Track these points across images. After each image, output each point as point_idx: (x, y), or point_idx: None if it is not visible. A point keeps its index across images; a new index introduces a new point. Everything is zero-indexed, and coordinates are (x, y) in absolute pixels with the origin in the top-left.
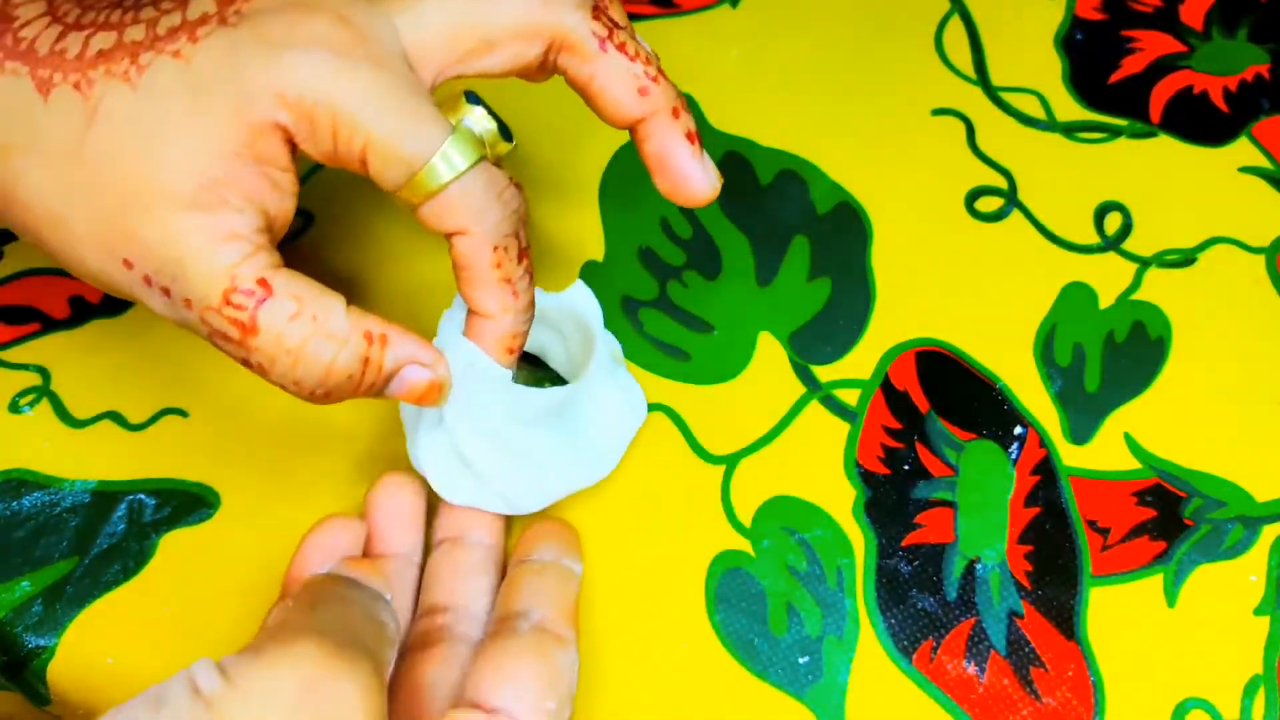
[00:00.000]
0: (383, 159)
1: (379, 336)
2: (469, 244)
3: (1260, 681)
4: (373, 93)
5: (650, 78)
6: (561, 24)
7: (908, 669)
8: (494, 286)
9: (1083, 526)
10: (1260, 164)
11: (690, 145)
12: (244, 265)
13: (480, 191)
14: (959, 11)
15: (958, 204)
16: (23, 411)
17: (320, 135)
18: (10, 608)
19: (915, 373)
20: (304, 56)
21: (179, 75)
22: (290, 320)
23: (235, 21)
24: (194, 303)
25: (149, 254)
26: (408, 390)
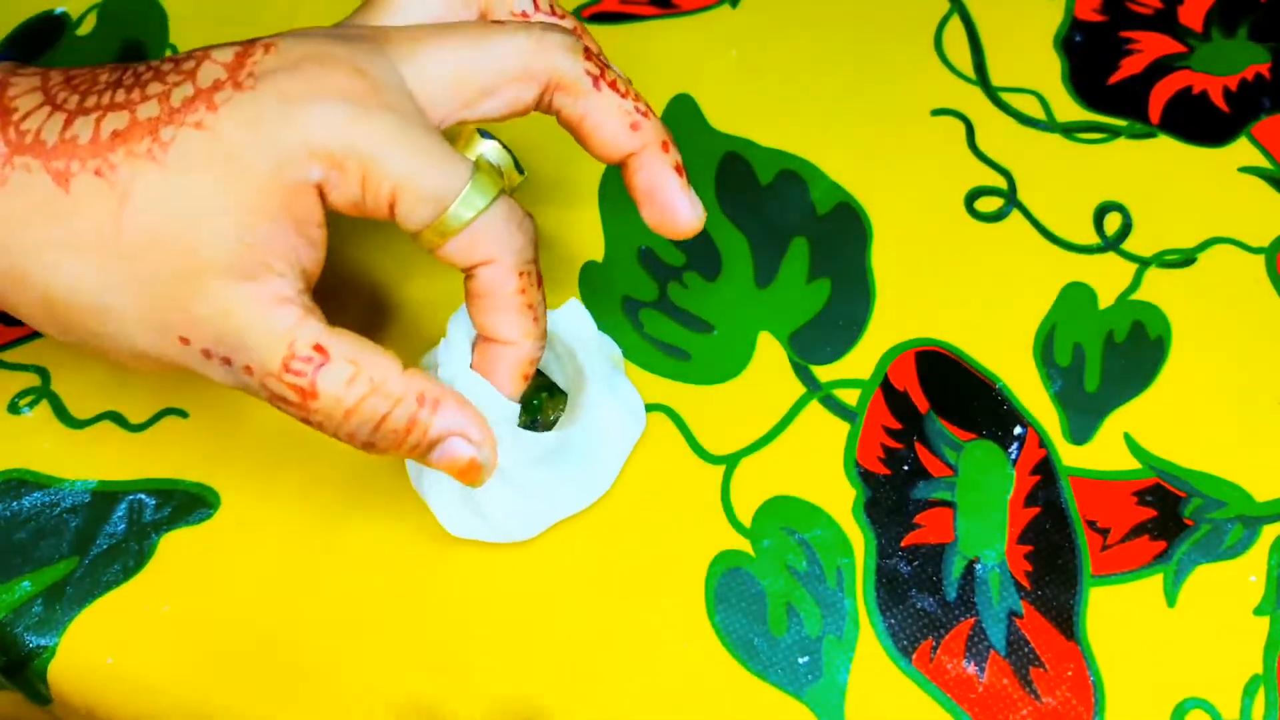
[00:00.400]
0: (412, 199)
1: (432, 400)
2: (495, 272)
3: (1260, 681)
4: (396, 138)
5: (641, 113)
6: (556, 66)
7: (907, 669)
8: (516, 313)
9: (1082, 526)
10: (1260, 164)
11: (679, 178)
12: (300, 331)
13: (503, 222)
14: (959, 12)
15: (958, 204)
16: (23, 412)
17: (349, 184)
18: (11, 608)
19: (915, 373)
20: (327, 109)
21: (206, 146)
22: (348, 385)
23: (251, 85)
24: (254, 370)
25: (205, 329)
26: (449, 462)
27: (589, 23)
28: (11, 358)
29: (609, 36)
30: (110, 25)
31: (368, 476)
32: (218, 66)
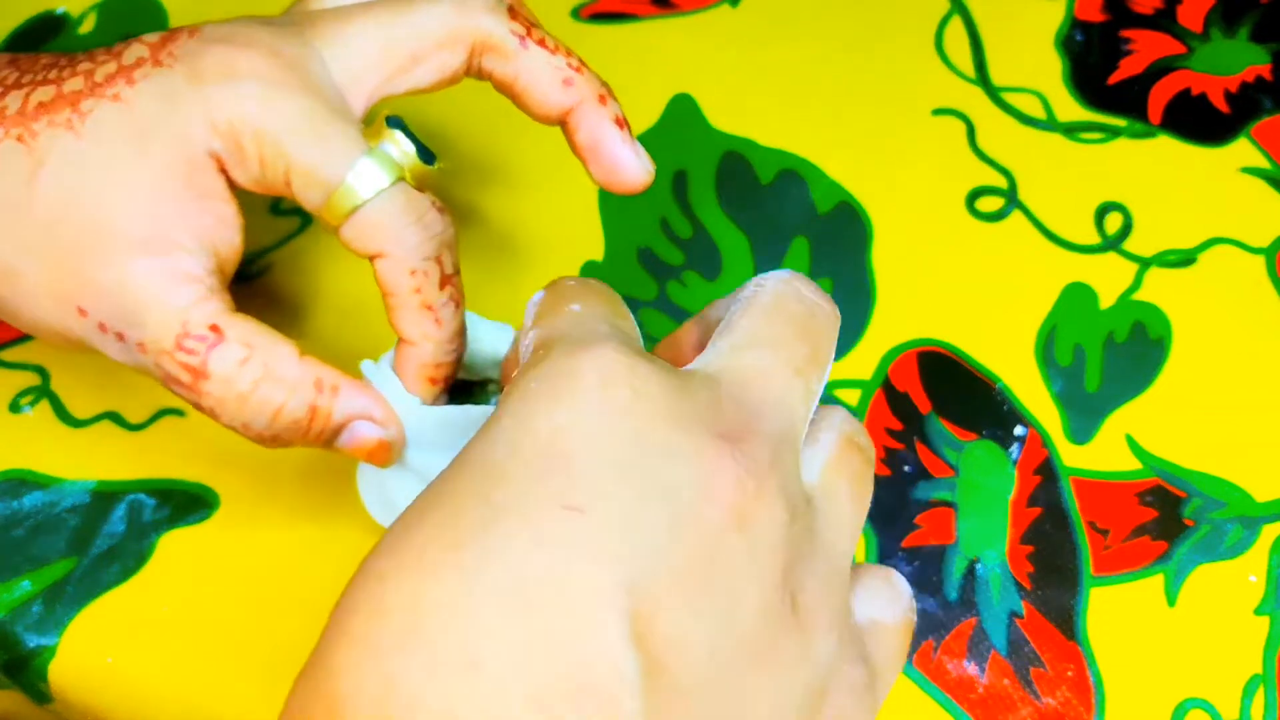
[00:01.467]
0: (302, 180)
1: (330, 386)
2: (387, 267)
3: (1260, 681)
4: (295, 118)
5: (573, 68)
6: (480, 27)
7: (908, 669)
8: (414, 312)
9: (1083, 527)
10: (1260, 164)
11: (620, 130)
12: (196, 309)
13: (397, 213)
14: (959, 11)
15: (958, 204)
16: (23, 411)
17: (248, 159)
18: (11, 607)
19: (916, 373)
20: (234, 88)
21: (120, 118)
22: (240, 365)
23: (169, 63)
24: (147, 347)
25: (103, 300)
26: (356, 445)
27: (588, 23)
28: (11, 357)
29: (609, 36)
30: (110, 24)
31: None
32: (143, 46)
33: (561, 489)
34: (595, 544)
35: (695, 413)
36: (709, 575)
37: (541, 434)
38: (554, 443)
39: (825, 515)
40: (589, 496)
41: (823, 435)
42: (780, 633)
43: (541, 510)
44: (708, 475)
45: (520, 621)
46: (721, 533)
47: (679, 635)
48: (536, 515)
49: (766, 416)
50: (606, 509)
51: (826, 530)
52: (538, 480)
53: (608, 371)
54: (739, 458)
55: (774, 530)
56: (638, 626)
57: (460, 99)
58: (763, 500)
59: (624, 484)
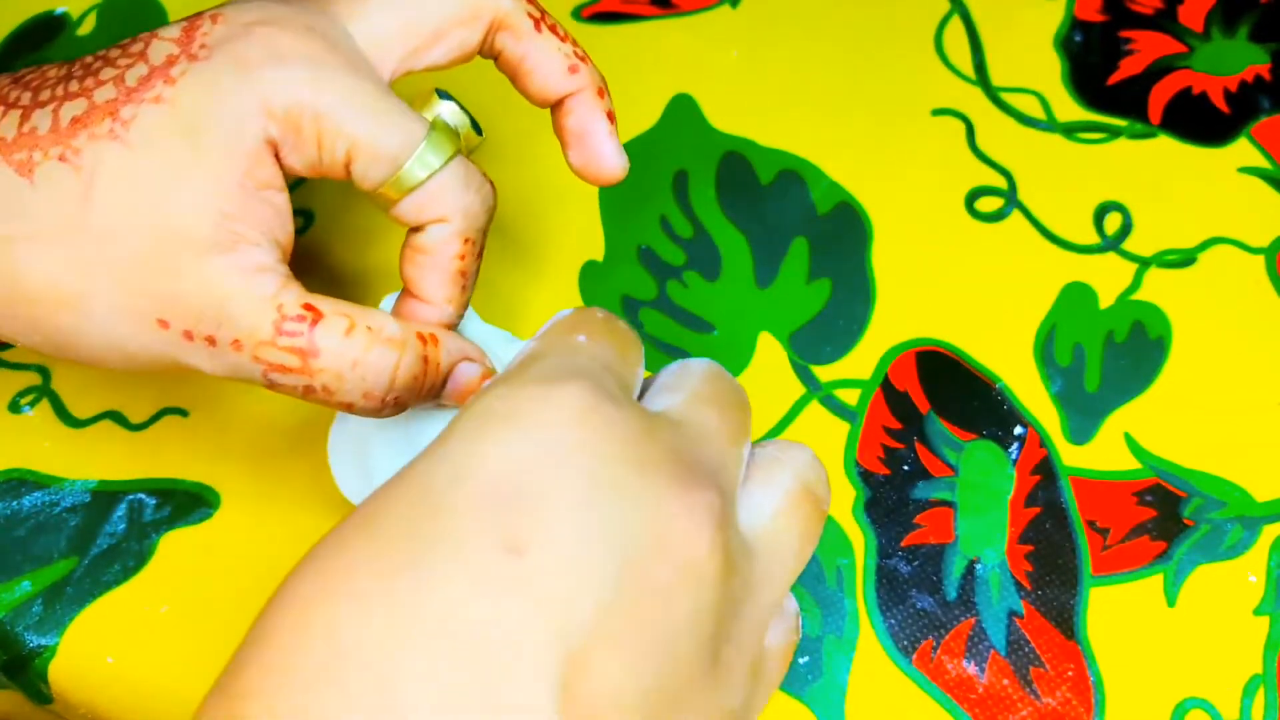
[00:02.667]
0: (367, 158)
1: (430, 336)
2: (444, 232)
3: (1260, 681)
4: (350, 96)
5: (579, 57)
6: (499, 6)
7: (908, 669)
8: (449, 276)
9: (1083, 526)
10: (1260, 164)
11: (610, 124)
12: (286, 295)
13: (459, 183)
14: (959, 12)
15: (958, 204)
16: (23, 411)
17: (305, 143)
18: (11, 607)
19: (915, 373)
20: (282, 71)
21: (167, 120)
22: (347, 335)
23: (205, 55)
24: (244, 342)
25: (185, 308)
26: (464, 387)
27: (589, 23)
28: (12, 357)
29: (609, 36)
30: (110, 25)
31: None
32: (167, 43)
33: (505, 527)
34: (535, 591)
35: (658, 458)
36: (648, 631)
37: (491, 465)
38: (506, 475)
39: (764, 565)
40: (534, 538)
41: (779, 477)
42: (699, 685)
43: (482, 549)
44: (663, 526)
45: (446, 669)
46: (668, 589)
47: (610, 693)
48: (476, 554)
49: (718, 473)
50: (551, 553)
51: (762, 582)
52: (481, 515)
53: (573, 409)
54: (694, 513)
55: (715, 589)
56: (569, 681)
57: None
58: (709, 553)
59: (572, 527)
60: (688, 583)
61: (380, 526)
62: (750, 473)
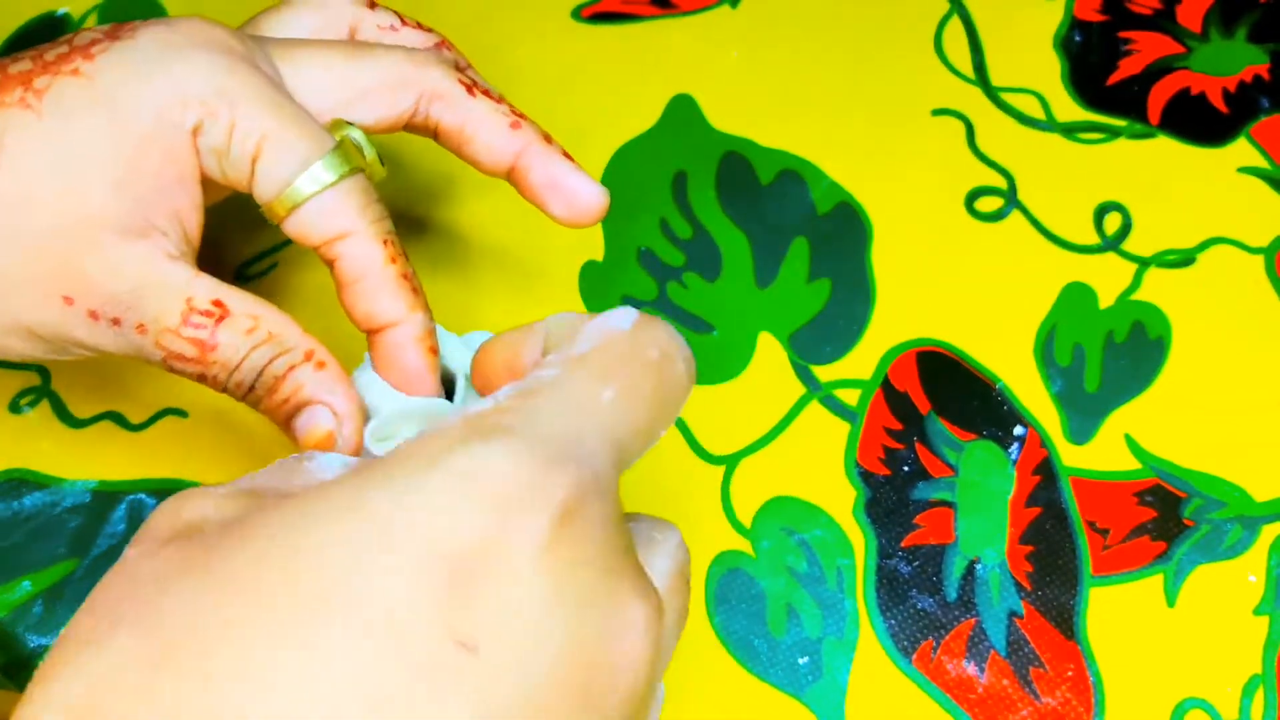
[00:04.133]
0: (277, 152)
1: (318, 361)
2: (357, 245)
3: (1259, 681)
4: (267, 95)
5: (517, 114)
6: (430, 76)
7: (908, 669)
8: (394, 284)
9: (1083, 527)
10: (1259, 164)
11: (572, 163)
12: (196, 287)
13: (361, 192)
14: (959, 12)
15: (958, 204)
16: (23, 411)
17: (218, 129)
18: (11, 608)
19: (915, 373)
20: (205, 55)
21: (84, 92)
22: (247, 335)
23: (129, 36)
24: (149, 328)
25: (93, 287)
26: (307, 430)
27: (589, 23)
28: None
29: (609, 36)
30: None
31: None
32: (95, 32)
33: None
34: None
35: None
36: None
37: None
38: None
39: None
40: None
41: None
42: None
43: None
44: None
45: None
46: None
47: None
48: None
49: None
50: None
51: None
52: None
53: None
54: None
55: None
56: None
57: None
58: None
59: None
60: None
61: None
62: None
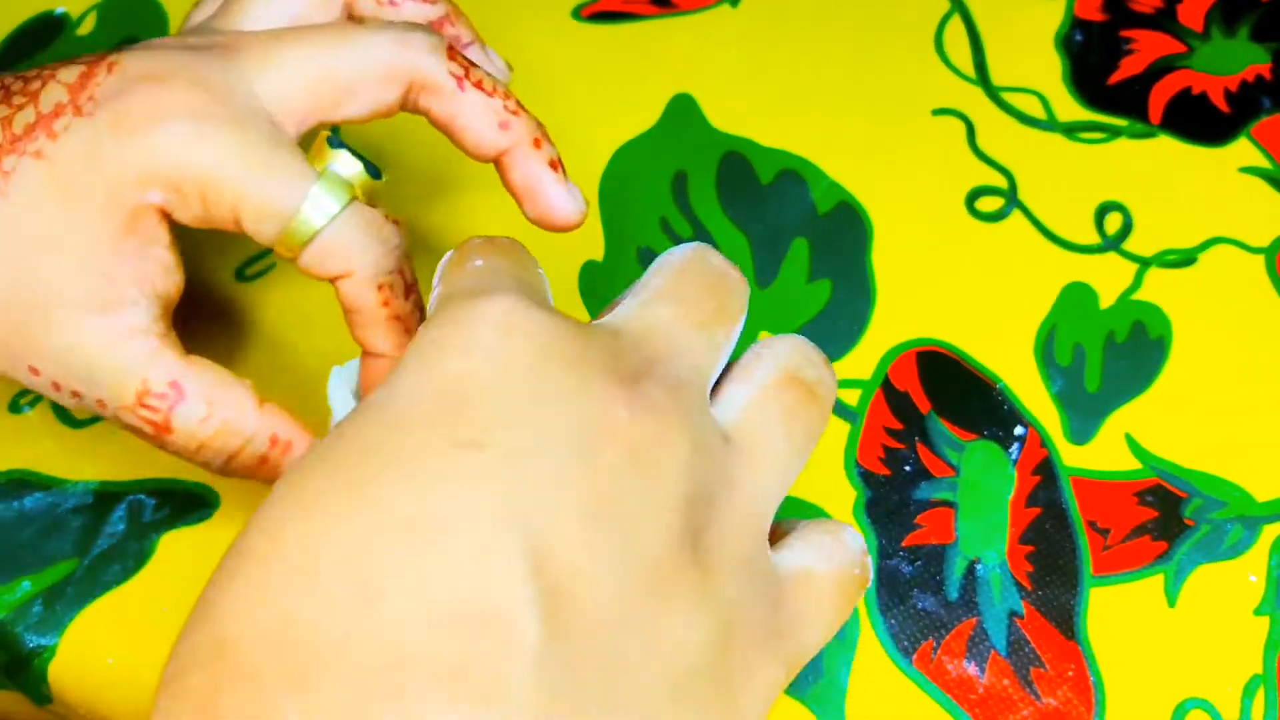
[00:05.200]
0: (255, 215)
1: (284, 443)
2: (353, 286)
3: (1260, 681)
4: (234, 153)
5: (510, 111)
6: (420, 66)
7: (908, 669)
8: (384, 325)
9: (1083, 527)
10: (1260, 164)
11: (554, 173)
12: (153, 366)
13: (356, 232)
14: (959, 11)
15: (958, 204)
16: (23, 411)
17: (190, 203)
18: (11, 607)
19: (916, 373)
20: (162, 131)
21: (45, 177)
22: (202, 422)
23: (90, 110)
24: (107, 404)
25: (54, 363)
26: None
27: (589, 22)
28: None
29: (609, 36)
30: (110, 25)
31: None
32: (61, 88)
33: (455, 429)
34: (492, 479)
35: (592, 357)
36: (606, 509)
37: (438, 381)
38: (451, 388)
39: (742, 456)
40: (482, 435)
41: (758, 370)
42: (680, 568)
43: (438, 450)
44: (603, 413)
45: (417, 555)
46: (618, 467)
47: (577, 566)
48: (433, 455)
49: (665, 362)
50: (503, 446)
51: (743, 470)
52: (435, 423)
53: (504, 319)
54: (635, 397)
55: (674, 467)
56: (536, 558)
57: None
58: (661, 436)
59: (520, 423)
60: (638, 464)
61: (342, 448)
62: (731, 373)
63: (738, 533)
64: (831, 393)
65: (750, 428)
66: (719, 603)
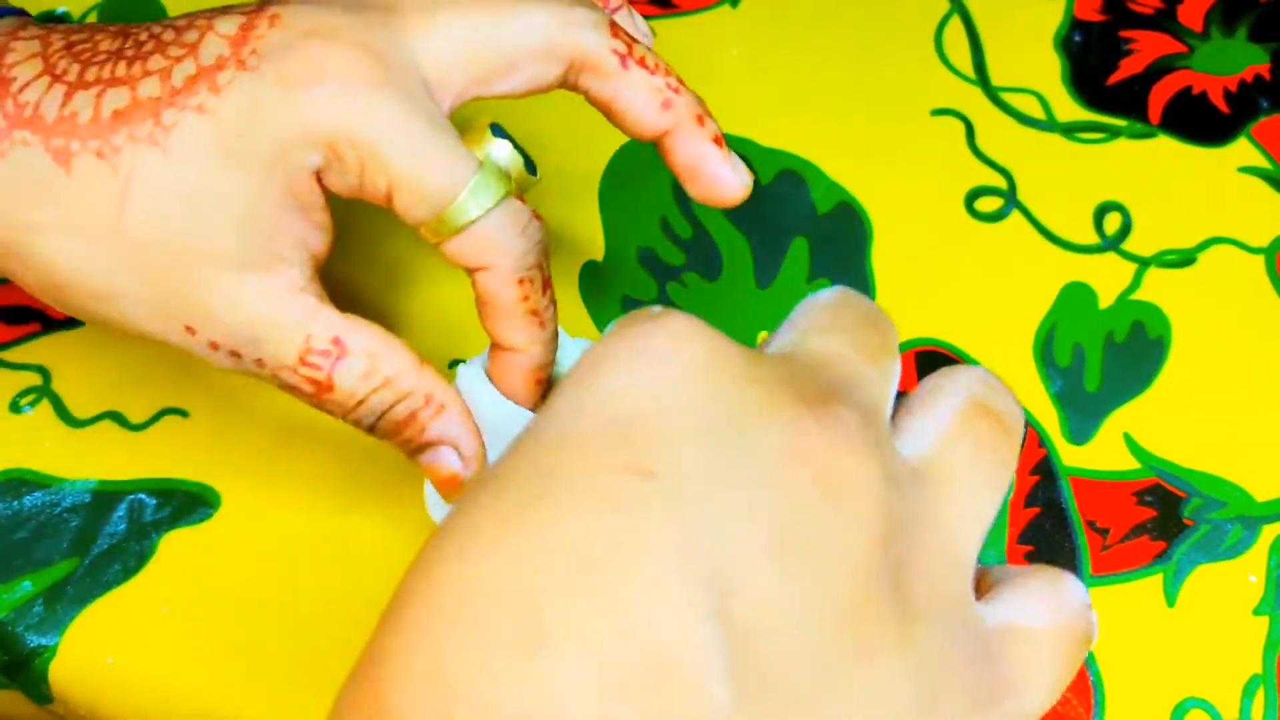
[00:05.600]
0: (409, 196)
1: (437, 404)
2: (494, 279)
3: (1260, 681)
4: (396, 128)
5: (672, 89)
6: (582, 44)
7: None
8: (520, 319)
9: (1082, 526)
10: (1260, 164)
11: (719, 149)
12: (315, 323)
13: (506, 227)
14: (959, 11)
15: (958, 204)
16: (23, 411)
17: (347, 170)
18: (12, 607)
19: (915, 373)
20: (327, 92)
21: (207, 132)
22: (364, 378)
23: (254, 64)
24: (267, 363)
25: (214, 322)
26: (435, 469)
27: None
28: (12, 357)
29: None
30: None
31: (369, 475)
32: (222, 41)
33: (630, 452)
34: (669, 508)
35: (776, 377)
36: (796, 541)
37: (606, 397)
38: (621, 405)
39: (938, 490)
40: (660, 460)
41: (943, 401)
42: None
43: (607, 475)
44: (793, 436)
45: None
46: (809, 496)
47: (766, 606)
48: (601, 480)
49: (847, 390)
50: (680, 471)
51: (940, 506)
52: (603, 444)
53: (681, 333)
54: (826, 420)
55: (869, 496)
56: (722, 601)
57: None
58: (855, 463)
59: (699, 445)
60: (832, 494)
61: (503, 477)
62: (910, 405)
63: (940, 576)
64: (1021, 424)
65: (943, 460)
66: (924, 657)
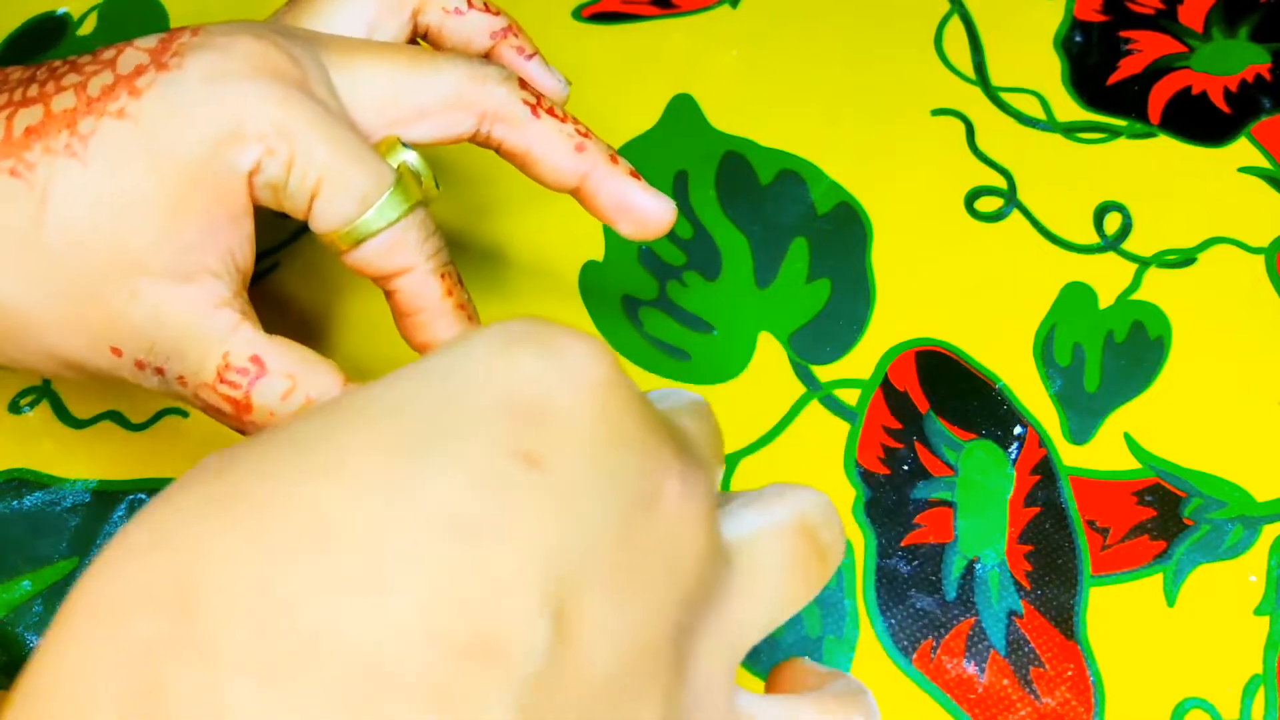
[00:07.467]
0: (336, 192)
1: None
2: (417, 279)
3: (1260, 681)
4: (325, 129)
5: (582, 134)
6: (493, 96)
7: (907, 669)
8: (450, 315)
9: (1082, 526)
10: (1260, 164)
11: (639, 182)
12: (235, 339)
13: (419, 229)
14: (959, 12)
15: (958, 204)
16: (23, 411)
17: (275, 164)
18: (11, 607)
19: (915, 373)
20: (253, 86)
21: (129, 136)
22: (283, 399)
23: (176, 64)
24: (188, 380)
25: (138, 337)
26: None
27: (589, 23)
28: None
29: (609, 36)
30: (111, 25)
31: None
32: (140, 52)
33: (520, 437)
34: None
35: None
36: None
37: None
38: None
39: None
40: (547, 454)
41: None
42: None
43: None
44: (660, 479)
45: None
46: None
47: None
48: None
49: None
50: (566, 472)
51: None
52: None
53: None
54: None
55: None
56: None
57: None
58: (695, 523)
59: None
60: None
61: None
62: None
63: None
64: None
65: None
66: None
